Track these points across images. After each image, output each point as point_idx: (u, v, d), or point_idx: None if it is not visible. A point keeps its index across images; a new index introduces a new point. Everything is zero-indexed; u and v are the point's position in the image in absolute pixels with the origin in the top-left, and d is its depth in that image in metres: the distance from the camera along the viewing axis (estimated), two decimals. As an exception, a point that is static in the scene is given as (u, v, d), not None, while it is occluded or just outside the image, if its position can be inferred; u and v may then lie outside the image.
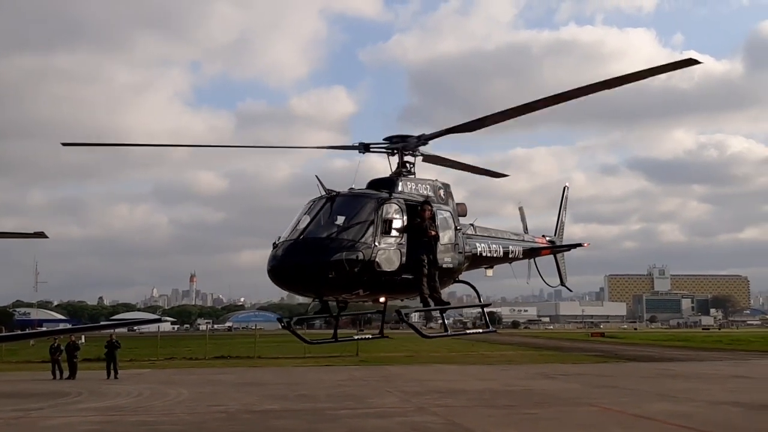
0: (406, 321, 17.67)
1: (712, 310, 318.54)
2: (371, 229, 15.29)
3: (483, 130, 17.06)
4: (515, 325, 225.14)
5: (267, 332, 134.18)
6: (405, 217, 16.01)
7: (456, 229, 17.65)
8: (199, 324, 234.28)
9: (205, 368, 45.66)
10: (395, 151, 17.80)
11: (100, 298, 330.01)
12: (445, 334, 18.38)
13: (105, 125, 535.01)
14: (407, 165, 17.75)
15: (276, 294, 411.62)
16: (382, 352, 63.05)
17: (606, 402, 25.81)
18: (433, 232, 16.15)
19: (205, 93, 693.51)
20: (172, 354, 57.61)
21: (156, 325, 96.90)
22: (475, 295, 18.44)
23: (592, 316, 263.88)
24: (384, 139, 17.84)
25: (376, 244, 15.21)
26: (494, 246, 20.36)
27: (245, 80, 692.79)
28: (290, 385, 33.22)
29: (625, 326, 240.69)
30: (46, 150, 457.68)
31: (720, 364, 47.34)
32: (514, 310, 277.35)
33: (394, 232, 15.66)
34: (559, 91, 15.14)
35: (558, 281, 25.82)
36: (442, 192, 17.87)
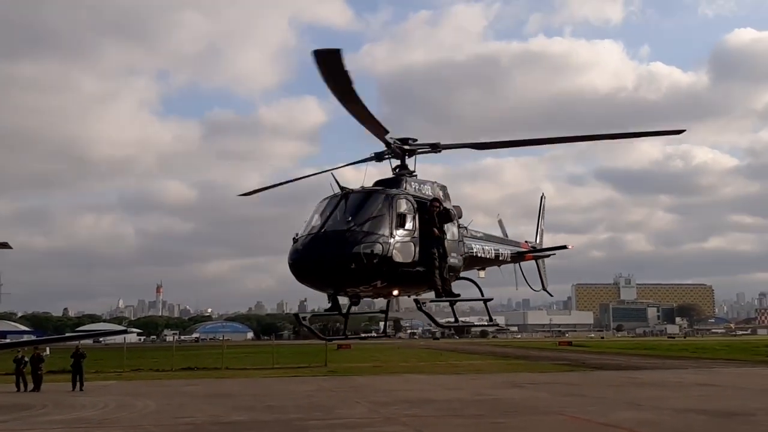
0: (423, 310, 18.16)
1: (678, 319, 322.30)
2: (387, 223, 16.07)
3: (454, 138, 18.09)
4: (483, 334, 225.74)
5: (234, 343, 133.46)
6: (417, 213, 16.91)
7: (459, 228, 18.77)
8: (165, 335, 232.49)
9: (172, 380, 45.22)
10: (405, 154, 18.68)
11: (65, 309, 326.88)
12: (455, 323, 20.42)
13: (70, 135, 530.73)
14: (407, 166, 18.65)
15: (243, 305, 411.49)
16: (351, 362, 62.87)
17: (573, 411, 25.97)
18: (444, 228, 17.26)
19: (173, 102, 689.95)
20: (138, 365, 57.05)
21: (122, 336, 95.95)
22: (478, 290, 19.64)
23: (559, 325, 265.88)
24: (398, 139, 18.56)
25: (392, 237, 16.00)
26: (487, 248, 21.52)
27: (213, 90, 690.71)
28: (258, 396, 33.00)
29: (592, 335, 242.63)
30: (10, 160, 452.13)
31: (685, 372, 47.85)
32: (482, 319, 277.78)
33: (407, 226, 16.51)
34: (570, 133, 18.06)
35: (539, 286, 27.12)
36: (441, 193, 18.77)
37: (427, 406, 28.07)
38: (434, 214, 17.17)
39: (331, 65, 13.74)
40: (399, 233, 16.25)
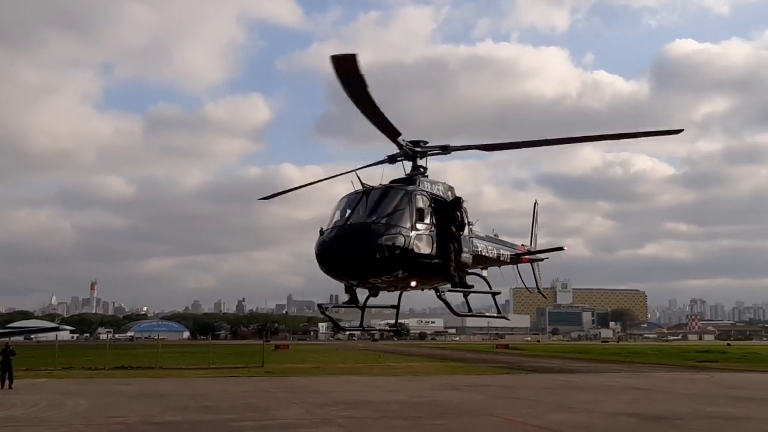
0: (444, 300, 19.60)
1: (612, 323, 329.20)
2: (407, 217, 17.24)
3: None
4: (422, 336, 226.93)
5: (170, 343, 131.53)
6: (434, 209, 18.21)
7: (469, 225, 19.97)
8: (99, 333, 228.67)
9: (104, 378, 44.32)
10: (417, 156, 19.86)
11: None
12: (470, 313, 21.73)
13: (8, 127, 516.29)
14: (420, 168, 19.87)
15: (180, 303, 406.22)
16: (289, 363, 62.50)
17: (509, 413, 26.24)
18: (460, 225, 18.80)
19: (115, 96, 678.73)
20: (70, 364, 55.83)
21: (54, 333, 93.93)
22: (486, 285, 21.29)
23: (497, 328, 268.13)
24: (409, 141, 19.61)
25: (413, 230, 17.18)
26: (490, 248, 22.82)
27: (158, 84, 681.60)
28: (193, 397, 32.54)
29: (529, 338, 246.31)
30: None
31: (618, 376, 48.83)
32: (421, 321, 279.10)
33: (425, 221, 17.74)
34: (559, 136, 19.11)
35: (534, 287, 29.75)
36: (450, 193, 19.96)
37: (364, 408, 28.05)
38: (456, 211, 18.73)
39: (347, 69, 14.55)
40: (419, 227, 17.37)
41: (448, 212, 18.83)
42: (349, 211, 17.56)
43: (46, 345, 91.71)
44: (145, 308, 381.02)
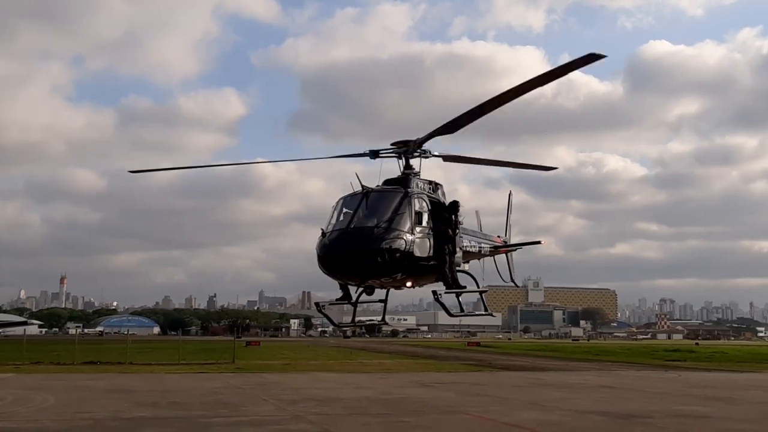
0: (440, 301, 19.97)
1: (582, 322, 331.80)
2: (407, 221, 17.74)
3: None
4: (394, 334, 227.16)
5: (140, 338, 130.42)
6: (430, 211, 18.69)
7: (458, 225, 20.39)
8: (68, 328, 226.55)
9: (73, 374, 43.82)
10: (401, 155, 20.34)
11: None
12: (464, 313, 22.99)
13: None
14: (411, 166, 20.30)
15: (151, 299, 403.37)
16: (260, 359, 62.22)
17: (479, 410, 26.28)
18: (455, 228, 19.39)
19: (87, 88, 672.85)
20: (38, 358, 55.13)
21: (22, 328, 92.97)
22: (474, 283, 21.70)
23: (469, 326, 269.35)
24: (391, 144, 20.36)
25: (412, 234, 17.67)
26: (473, 242, 23.51)
27: (131, 77, 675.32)
28: (162, 393, 32.24)
29: (500, 336, 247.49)
30: None
31: (588, 374, 49.16)
32: (393, 318, 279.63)
33: (423, 223, 18.23)
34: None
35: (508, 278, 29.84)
36: (440, 191, 20.54)
37: (334, 405, 27.97)
38: (453, 215, 19.33)
39: None
40: (417, 230, 17.87)
41: (445, 215, 19.42)
42: (350, 214, 17.91)
43: (14, 339, 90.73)
44: (115, 303, 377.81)
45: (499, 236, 28.49)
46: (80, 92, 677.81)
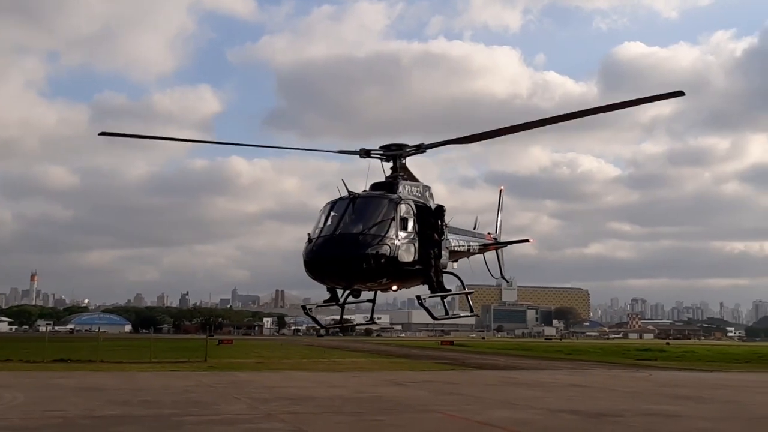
0: (424, 306, 20.31)
1: (555, 321, 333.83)
2: (393, 227, 18.05)
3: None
4: (368, 332, 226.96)
5: (111, 336, 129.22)
6: (416, 216, 18.96)
7: (445, 227, 20.68)
8: (38, 325, 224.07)
9: (43, 371, 43.36)
10: (390, 158, 20.52)
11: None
12: (447, 316, 23.91)
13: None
14: (400, 170, 20.46)
15: (122, 296, 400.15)
16: (232, 358, 61.95)
17: (451, 409, 26.35)
18: (441, 232, 19.71)
19: (61, 84, 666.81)
20: (7, 356, 54.59)
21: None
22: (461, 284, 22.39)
23: (443, 325, 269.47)
24: (381, 147, 20.62)
25: (397, 239, 18.00)
26: (461, 242, 23.72)
27: (106, 73, 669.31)
28: (134, 391, 32.00)
29: (474, 335, 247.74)
30: None
31: (560, 373, 49.49)
32: (367, 317, 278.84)
33: (408, 229, 18.55)
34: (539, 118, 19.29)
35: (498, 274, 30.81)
36: (428, 193, 20.79)
37: (307, 403, 27.92)
38: (438, 219, 19.67)
39: None
40: (402, 236, 18.19)
41: (431, 220, 19.73)
42: (336, 219, 18.19)
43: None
44: (86, 301, 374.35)
45: (489, 233, 29.06)
46: (54, 88, 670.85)
